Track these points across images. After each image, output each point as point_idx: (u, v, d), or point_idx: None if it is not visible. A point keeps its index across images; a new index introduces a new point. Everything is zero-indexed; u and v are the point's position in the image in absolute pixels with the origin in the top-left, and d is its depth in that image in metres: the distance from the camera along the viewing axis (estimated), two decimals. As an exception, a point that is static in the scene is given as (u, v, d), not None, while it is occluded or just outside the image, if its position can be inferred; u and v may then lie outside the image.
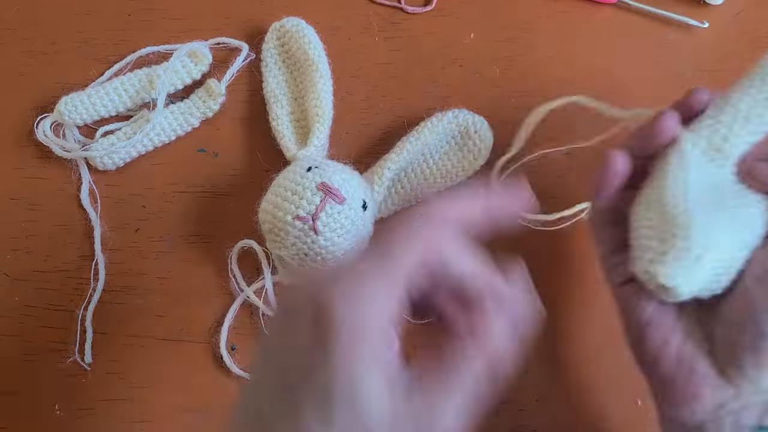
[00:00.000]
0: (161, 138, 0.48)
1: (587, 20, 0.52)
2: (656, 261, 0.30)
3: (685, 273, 0.30)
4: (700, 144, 0.33)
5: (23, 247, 0.46)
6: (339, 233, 0.41)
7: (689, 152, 0.32)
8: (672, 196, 0.31)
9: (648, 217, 0.32)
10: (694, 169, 0.32)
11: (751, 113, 0.33)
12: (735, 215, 0.31)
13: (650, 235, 0.31)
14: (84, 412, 0.43)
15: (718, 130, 0.33)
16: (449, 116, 0.46)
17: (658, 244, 0.30)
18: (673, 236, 0.30)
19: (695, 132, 0.33)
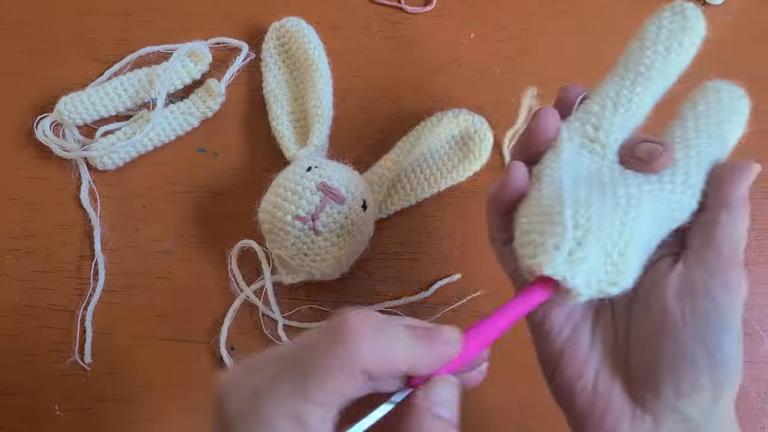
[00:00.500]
0: (161, 138, 0.48)
1: (587, 20, 0.52)
2: (537, 254, 0.28)
3: (570, 262, 0.27)
4: (574, 137, 0.32)
5: (23, 247, 0.46)
6: (339, 233, 0.41)
7: (564, 146, 0.32)
8: (547, 190, 0.30)
9: (526, 215, 0.30)
10: (572, 162, 0.31)
11: (618, 99, 0.33)
12: (616, 198, 0.29)
13: (529, 231, 0.29)
14: (84, 412, 0.43)
15: (589, 120, 0.33)
16: (449, 116, 0.46)
17: (537, 236, 0.28)
18: (549, 224, 0.28)
19: (569, 125, 0.33)
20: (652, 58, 0.34)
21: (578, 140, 0.32)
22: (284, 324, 0.44)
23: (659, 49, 0.34)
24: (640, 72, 0.33)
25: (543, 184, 0.31)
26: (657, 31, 0.35)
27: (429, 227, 0.47)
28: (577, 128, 0.32)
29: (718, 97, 0.35)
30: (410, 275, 0.46)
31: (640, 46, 0.34)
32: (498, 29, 0.52)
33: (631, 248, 0.29)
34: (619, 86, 0.33)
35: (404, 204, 0.47)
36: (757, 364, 0.44)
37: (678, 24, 0.34)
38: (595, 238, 0.28)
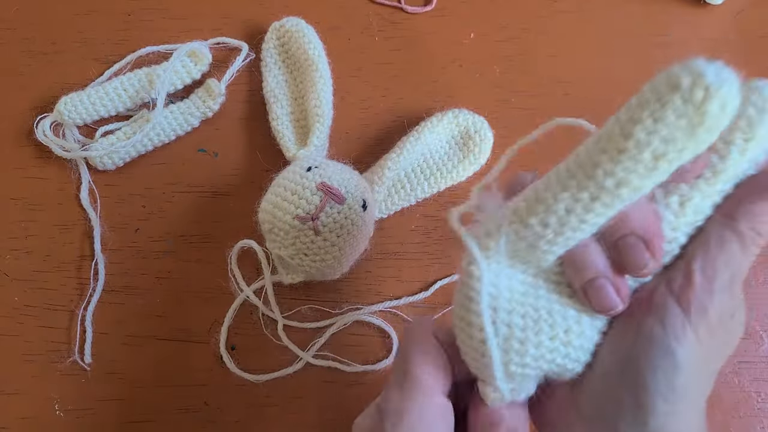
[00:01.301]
0: (161, 138, 0.48)
1: (587, 20, 0.52)
2: (482, 383, 0.27)
3: (513, 393, 0.27)
4: (502, 251, 0.26)
5: (23, 247, 0.46)
6: (339, 233, 0.41)
7: (483, 273, 0.25)
8: (472, 320, 0.26)
9: (461, 338, 0.27)
10: (502, 277, 0.26)
11: (568, 219, 0.24)
12: (554, 331, 0.26)
13: (467, 359, 0.27)
14: (84, 412, 0.43)
15: (525, 238, 0.25)
16: (449, 116, 0.46)
17: (476, 369, 0.27)
18: (484, 368, 0.26)
19: (493, 236, 0.26)
20: (630, 170, 0.22)
21: (510, 251, 0.26)
22: (284, 324, 0.44)
23: (645, 157, 0.22)
24: (606, 188, 0.23)
25: (470, 305, 0.26)
26: (651, 129, 0.22)
27: (429, 227, 0.47)
28: (511, 241, 0.25)
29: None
30: (410, 275, 0.46)
31: (618, 148, 0.22)
32: (498, 29, 0.52)
33: (573, 371, 0.27)
34: (574, 201, 0.24)
35: (404, 204, 0.47)
36: (757, 364, 0.44)
37: (692, 115, 0.21)
38: (533, 377, 0.27)
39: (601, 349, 0.27)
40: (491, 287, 0.26)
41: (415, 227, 0.47)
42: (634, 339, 0.26)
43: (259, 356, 0.44)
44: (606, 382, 0.26)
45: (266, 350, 0.44)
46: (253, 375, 0.43)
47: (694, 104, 0.21)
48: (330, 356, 0.44)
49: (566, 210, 0.24)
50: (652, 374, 0.25)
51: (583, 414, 0.27)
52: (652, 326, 0.25)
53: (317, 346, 0.44)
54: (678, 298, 0.25)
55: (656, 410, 0.25)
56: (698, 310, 0.25)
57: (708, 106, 0.21)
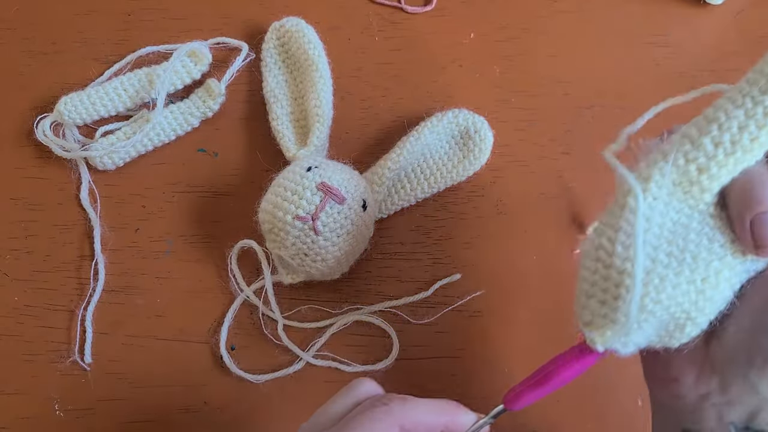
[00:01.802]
0: (161, 138, 0.48)
1: (587, 20, 0.52)
2: (593, 328, 0.27)
3: (624, 342, 0.27)
4: (671, 174, 0.26)
5: (23, 247, 0.46)
6: (339, 233, 0.41)
7: (640, 199, 0.26)
8: (620, 246, 0.26)
9: (591, 269, 0.27)
10: (656, 214, 0.26)
11: (741, 136, 0.25)
12: (694, 274, 0.26)
13: (590, 294, 0.27)
14: (84, 412, 0.43)
15: (696, 158, 0.26)
16: (449, 116, 0.46)
17: (596, 306, 0.27)
18: (612, 299, 0.26)
19: (665, 159, 0.26)
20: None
21: (675, 178, 0.26)
22: (284, 324, 0.44)
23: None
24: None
25: (619, 235, 0.26)
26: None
27: (429, 227, 0.47)
28: (679, 166, 0.26)
29: None
30: (410, 275, 0.46)
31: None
32: (498, 29, 0.52)
33: (695, 321, 0.27)
34: (746, 117, 0.25)
35: (404, 204, 0.47)
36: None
37: None
38: (657, 319, 0.27)
39: (746, 300, 0.27)
40: (644, 220, 0.26)
41: (415, 227, 0.47)
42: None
43: (259, 356, 0.44)
44: (749, 335, 0.27)
45: (266, 350, 0.44)
46: (253, 375, 0.43)
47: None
48: (330, 356, 0.44)
49: (739, 127, 0.24)
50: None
51: (716, 366, 0.28)
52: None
53: (317, 346, 0.44)
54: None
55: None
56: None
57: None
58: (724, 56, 0.51)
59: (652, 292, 0.26)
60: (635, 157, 0.27)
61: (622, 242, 0.26)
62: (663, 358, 0.29)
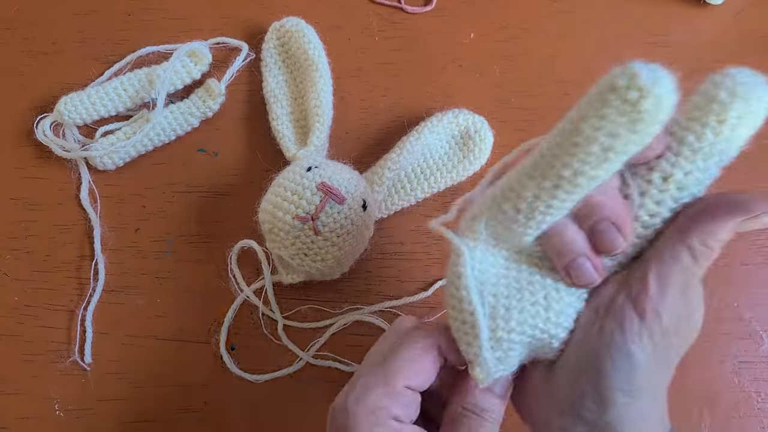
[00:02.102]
0: (161, 138, 0.48)
1: (587, 20, 0.52)
2: (473, 364, 0.29)
3: (502, 367, 0.29)
4: (487, 231, 0.29)
5: (23, 247, 0.46)
6: (339, 233, 0.41)
7: (465, 253, 0.29)
8: (462, 296, 0.29)
9: (452, 315, 0.30)
10: (487, 255, 0.29)
11: (536, 205, 0.27)
12: (534, 298, 0.29)
13: (458, 337, 0.30)
14: (84, 412, 0.43)
15: (501, 223, 0.28)
16: (449, 116, 0.46)
17: (466, 347, 0.29)
18: (473, 338, 0.29)
19: (482, 218, 0.29)
20: (585, 161, 0.25)
21: (491, 232, 0.29)
22: (284, 324, 0.44)
23: (595, 150, 0.24)
24: (565, 177, 0.25)
25: (461, 281, 0.29)
26: (597, 125, 0.24)
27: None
28: (490, 225, 0.29)
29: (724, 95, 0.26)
30: (410, 275, 0.46)
31: (572, 142, 0.24)
32: (498, 29, 0.52)
33: (556, 336, 0.29)
34: (539, 189, 0.26)
35: (404, 204, 0.47)
36: (757, 364, 0.44)
37: (630, 112, 0.23)
38: (520, 343, 0.29)
39: (569, 344, 0.29)
40: (476, 264, 0.29)
41: (415, 227, 0.47)
42: (597, 339, 0.28)
43: (259, 356, 0.44)
44: (572, 374, 0.29)
45: (266, 350, 0.44)
46: (253, 375, 0.43)
47: (630, 103, 0.23)
48: (330, 356, 0.44)
49: (534, 197, 0.27)
50: (612, 372, 0.27)
51: (555, 402, 0.30)
52: (612, 330, 0.28)
53: (317, 346, 0.44)
54: (635, 305, 0.28)
55: (616, 402, 0.27)
56: (653, 315, 0.27)
57: (643, 105, 0.23)
58: (724, 56, 0.51)
59: (500, 323, 0.29)
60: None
61: (465, 287, 0.29)
62: (521, 394, 0.32)
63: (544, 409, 0.30)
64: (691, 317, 0.28)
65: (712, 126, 0.26)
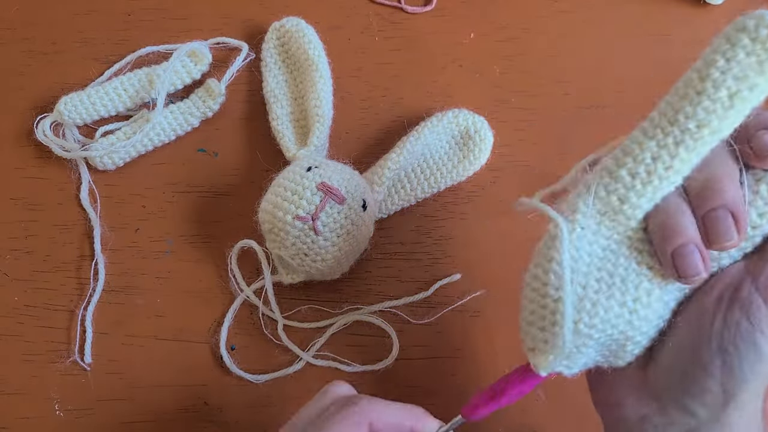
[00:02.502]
0: (161, 138, 0.48)
1: (587, 20, 0.52)
2: (535, 353, 0.28)
3: (566, 364, 0.28)
4: (590, 211, 0.27)
5: (23, 247, 0.46)
6: (339, 233, 0.41)
7: (565, 231, 0.27)
8: (551, 279, 0.27)
9: (530, 298, 0.29)
10: (584, 241, 0.28)
11: (655, 166, 0.26)
12: (624, 296, 0.27)
13: (530, 321, 0.29)
14: (84, 412, 0.43)
15: (615, 190, 0.27)
16: (449, 116, 0.46)
17: (537, 332, 0.28)
18: (550, 325, 0.28)
19: (588, 191, 0.28)
20: (709, 110, 0.25)
21: (600, 208, 0.27)
22: (284, 324, 0.44)
23: (721, 95, 0.24)
24: (689, 130, 0.25)
25: (551, 265, 0.28)
26: (724, 68, 0.24)
27: (429, 227, 0.47)
28: (601, 197, 0.27)
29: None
30: (410, 275, 0.46)
31: (697, 90, 0.25)
32: (498, 29, 0.52)
33: (634, 340, 0.28)
34: (659, 148, 0.26)
35: (404, 204, 0.47)
36: (757, 364, 0.44)
37: (760, 52, 0.24)
38: (596, 341, 0.28)
39: (678, 329, 0.28)
40: (572, 248, 0.27)
41: (415, 227, 0.47)
42: (720, 328, 0.27)
43: (259, 356, 0.44)
44: (682, 361, 0.28)
45: (266, 350, 0.44)
46: (253, 375, 0.43)
47: (761, 41, 0.23)
48: (330, 356, 0.44)
49: (653, 158, 0.26)
50: (739, 365, 0.26)
51: (653, 390, 0.28)
52: (739, 320, 0.26)
53: (317, 346, 0.44)
54: (764, 294, 0.26)
55: (737, 401, 0.26)
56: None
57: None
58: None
59: (585, 317, 0.27)
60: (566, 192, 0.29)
61: (555, 272, 0.27)
62: (606, 383, 0.31)
63: (637, 399, 0.29)
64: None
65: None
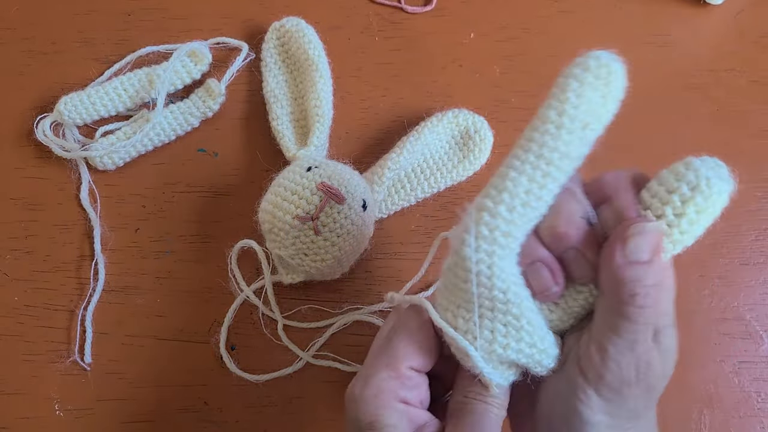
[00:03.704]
0: (161, 138, 0.48)
1: (587, 20, 0.52)
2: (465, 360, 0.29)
3: (497, 379, 0.29)
4: (482, 245, 0.28)
5: (23, 247, 0.46)
6: (339, 233, 0.41)
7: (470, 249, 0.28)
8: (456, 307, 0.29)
9: (445, 335, 0.30)
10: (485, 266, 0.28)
11: (529, 199, 0.27)
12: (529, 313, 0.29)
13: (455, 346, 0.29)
14: (84, 412, 0.43)
15: (498, 227, 0.28)
16: (449, 116, 0.46)
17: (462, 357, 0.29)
18: (462, 359, 0.29)
19: (472, 234, 0.28)
20: (568, 141, 0.27)
21: (486, 249, 0.28)
22: (284, 324, 0.44)
23: (576, 127, 0.27)
24: (553, 161, 0.27)
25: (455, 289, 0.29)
26: (576, 103, 0.27)
27: (429, 227, 0.47)
28: (484, 236, 0.28)
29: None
30: (410, 275, 0.46)
31: (557, 125, 0.27)
32: (498, 29, 0.52)
33: (543, 351, 0.29)
34: (530, 182, 0.27)
35: (404, 204, 0.47)
36: (757, 364, 0.44)
37: (602, 87, 0.27)
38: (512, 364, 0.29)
39: (540, 403, 0.30)
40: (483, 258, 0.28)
41: (415, 227, 0.47)
42: (553, 398, 0.29)
43: (259, 356, 0.44)
44: (547, 419, 0.30)
45: (266, 350, 0.44)
46: (253, 375, 0.43)
47: (602, 78, 0.27)
48: (330, 356, 0.44)
49: (525, 192, 0.27)
50: (565, 427, 0.28)
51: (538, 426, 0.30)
52: (561, 388, 0.29)
53: (317, 346, 0.44)
54: (579, 367, 0.28)
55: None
56: (595, 377, 0.27)
57: (611, 78, 0.27)
58: (724, 56, 0.51)
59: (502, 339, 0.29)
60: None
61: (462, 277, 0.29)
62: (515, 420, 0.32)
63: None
64: (652, 363, 0.27)
65: (670, 218, 0.27)
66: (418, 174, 0.46)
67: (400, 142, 0.46)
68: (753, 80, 0.50)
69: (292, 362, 0.43)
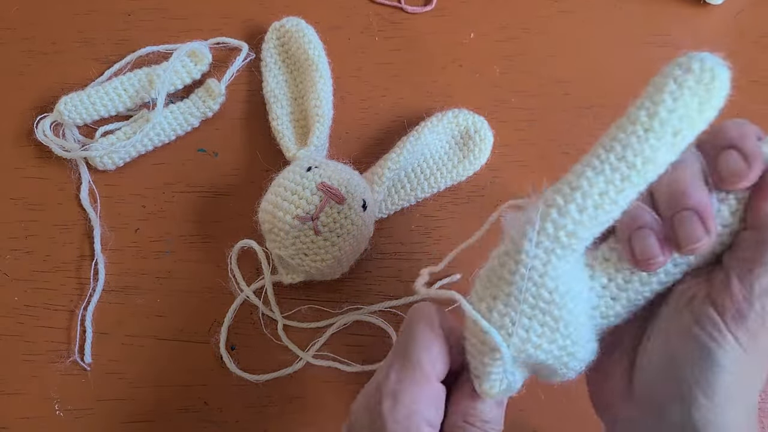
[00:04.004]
0: (161, 138, 0.48)
1: (587, 20, 0.52)
2: (479, 381, 0.28)
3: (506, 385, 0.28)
4: (542, 242, 0.26)
5: (23, 247, 0.46)
6: (339, 233, 0.41)
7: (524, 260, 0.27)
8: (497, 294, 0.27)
9: (471, 330, 0.28)
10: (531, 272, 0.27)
11: (602, 202, 0.26)
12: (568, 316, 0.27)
13: (473, 353, 0.28)
14: (84, 412, 0.43)
15: (564, 226, 0.26)
16: (449, 116, 0.46)
17: (478, 363, 0.28)
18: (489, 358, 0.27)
19: (535, 227, 0.26)
20: (655, 147, 0.25)
21: (546, 246, 0.26)
22: (284, 324, 0.44)
23: (667, 133, 0.25)
24: (635, 166, 0.25)
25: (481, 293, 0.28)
26: (671, 107, 0.25)
27: (429, 227, 0.47)
28: (549, 233, 0.26)
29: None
30: (410, 275, 0.46)
31: (645, 128, 0.25)
32: (498, 29, 0.52)
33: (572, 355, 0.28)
34: (606, 183, 0.26)
35: (404, 204, 0.47)
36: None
37: (702, 93, 0.25)
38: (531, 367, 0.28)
39: (652, 341, 0.29)
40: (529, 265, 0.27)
41: (415, 227, 0.47)
42: (677, 337, 0.27)
43: (259, 356, 0.44)
44: (655, 371, 0.28)
45: (266, 350, 0.44)
46: (253, 375, 0.43)
47: (704, 83, 0.25)
48: (330, 356, 0.44)
49: (600, 193, 0.26)
50: (690, 370, 0.26)
51: (635, 398, 0.29)
52: (689, 326, 0.27)
53: (317, 346, 0.44)
54: (714, 304, 0.26)
55: (697, 403, 0.26)
56: (735, 316, 0.26)
57: (714, 84, 0.25)
58: (723, 56, 0.51)
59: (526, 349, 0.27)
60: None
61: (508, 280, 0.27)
62: (599, 385, 0.31)
63: (624, 404, 0.30)
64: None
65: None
66: (418, 174, 0.46)
67: (400, 142, 0.46)
68: (753, 80, 0.50)
69: (292, 362, 0.43)
